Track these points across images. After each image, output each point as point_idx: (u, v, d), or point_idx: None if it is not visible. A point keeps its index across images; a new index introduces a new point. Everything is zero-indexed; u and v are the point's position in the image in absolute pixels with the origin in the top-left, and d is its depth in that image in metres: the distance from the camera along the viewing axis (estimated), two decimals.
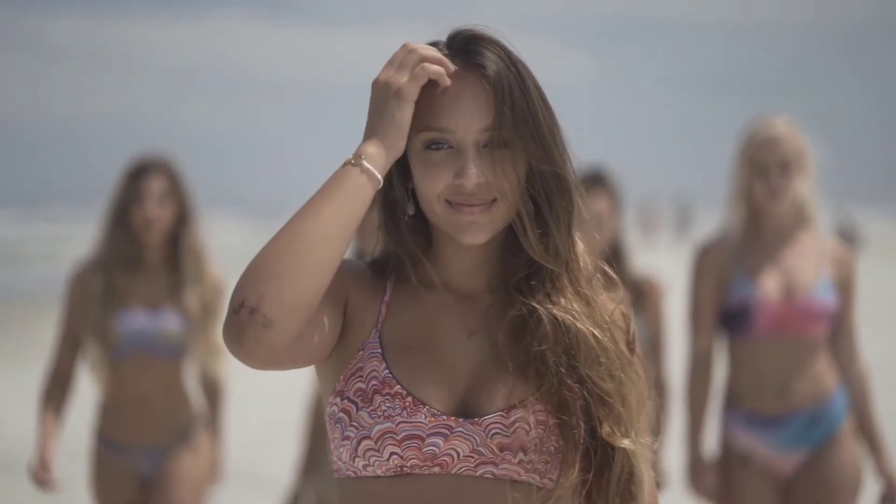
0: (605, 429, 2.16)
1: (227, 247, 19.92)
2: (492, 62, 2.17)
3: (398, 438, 2.14)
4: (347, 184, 2.12)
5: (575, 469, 2.15)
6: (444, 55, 2.19)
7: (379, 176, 2.14)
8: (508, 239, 2.23)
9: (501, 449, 2.14)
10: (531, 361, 2.17)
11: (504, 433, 2.15)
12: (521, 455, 2.15)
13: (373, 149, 2.14)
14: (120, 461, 5.35)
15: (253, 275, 2.06)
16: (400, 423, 2.14)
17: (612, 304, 2.27)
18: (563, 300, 2.20)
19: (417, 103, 2.17)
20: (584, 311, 2.21)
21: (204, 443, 5.45)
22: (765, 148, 4.90)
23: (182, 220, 5.41)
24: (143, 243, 5.38)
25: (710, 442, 5.12)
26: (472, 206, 2.16)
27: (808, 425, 4.84)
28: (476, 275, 2.25)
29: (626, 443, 2.17)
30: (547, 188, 2.18)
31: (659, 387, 5.24)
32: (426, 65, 2.15)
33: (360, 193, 2.13)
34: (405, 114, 2.15)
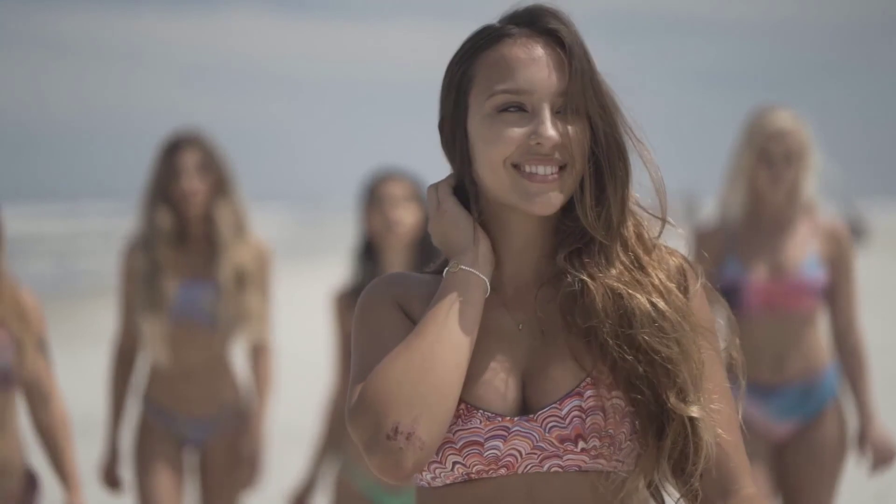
0: (672, 399, 2.11)
1: None
2: (563, 29, 2.18)
3: (457, 447, 2.14)
4: (458, 290, 2.15)
5: (652, 446, 2.12)
6: (509, 30, 2.20)
7: (479, 273, 2.16)
8: (558, 216, 2.20)
9: (562, 441, 2.13)
10: (587, 339, 2.14)
11: (561, 425, 2.13)
12: (581, 443, 2.13)
13: (463, 255, 2.18)
14: (165, 427, 5.47)
15: (400, 396, 2.06)
16: (456, 431, 2.13)
17: (670, 257, 2.22)
18: (614, 270, 2.16)
19: (485, 70, 2.18)
20: (639, 278, 2.17)
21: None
22: (773, 139, 5.12)
23: (221, 190, 5.50)
24: (184, 217, 5.47)
25: None
26: (544, 176, 2.14)
27: (800, 397, 5.10)
28: (525, 259, 2.22)
29: (694, 410, 2.12)
30: (609, 157, 2.17)
31: None
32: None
33: (474, 294, 2.15)
34: (460, 211, 2.20)
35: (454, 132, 2.23)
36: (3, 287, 4.38)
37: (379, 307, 2.21)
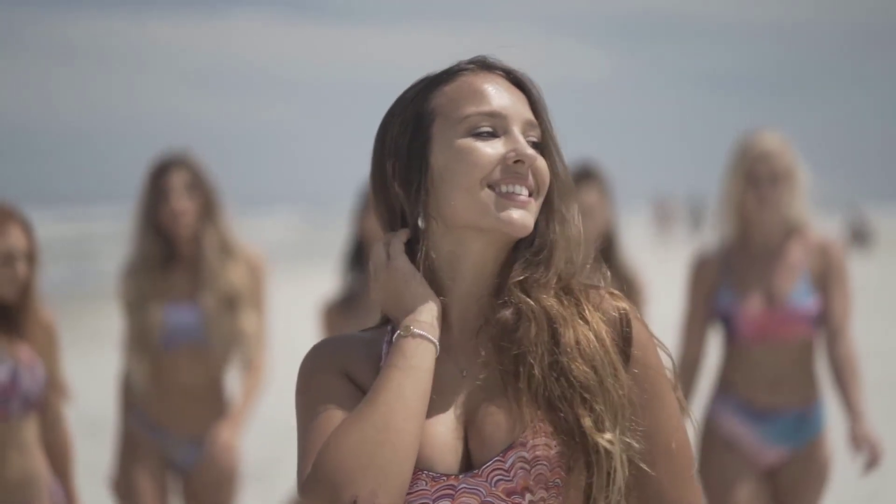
0: (587, 422, 2.09)
1: None
2: (517, 71, 2.22)
3: None
4: (410, 355, 2.11)
5: (577, 473, 2.10)
6: (465, 66, 2.22)
7: (431, 337, 2.13)
8: (510, 251, 2.20)
9: (509, 494, 2.10)
10: (518, 367, 2.12)
11: (506, 478, 2.10)
12: (528, 496, 2.10)
13: (414, 318, 2.14)
14: (153, 442, 5.47)
15: (356, 468, 2.03)
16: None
17: (608, 298, 2.21)
18: (554, 299, 2.16)
19: (449, 99, 2.18)
20: (573, 307, 2.17)
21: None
22: (758, 160, 5.15)
23: (209, 211, 5.50)
24: (175, 238, 5.48)
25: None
26: (520, 195, 2.13)
27: (794, 425, 5.11)
28: (472, 298, 2.18)
29: (606, 437, 2.09)
30: (560, 191, 2.20)
31: None
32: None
33: (426, 360, 2.12)
34: (412, 270, 2.17)
35: (409, 170, 2.18)
36: (36, 309, 4.39)
37: (322, 376, 2.17)
